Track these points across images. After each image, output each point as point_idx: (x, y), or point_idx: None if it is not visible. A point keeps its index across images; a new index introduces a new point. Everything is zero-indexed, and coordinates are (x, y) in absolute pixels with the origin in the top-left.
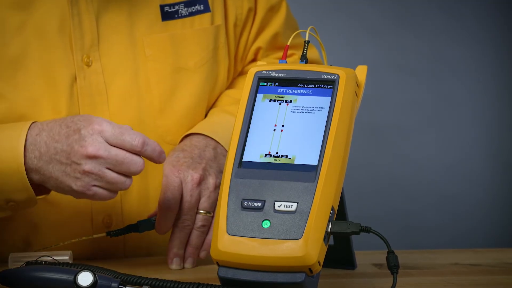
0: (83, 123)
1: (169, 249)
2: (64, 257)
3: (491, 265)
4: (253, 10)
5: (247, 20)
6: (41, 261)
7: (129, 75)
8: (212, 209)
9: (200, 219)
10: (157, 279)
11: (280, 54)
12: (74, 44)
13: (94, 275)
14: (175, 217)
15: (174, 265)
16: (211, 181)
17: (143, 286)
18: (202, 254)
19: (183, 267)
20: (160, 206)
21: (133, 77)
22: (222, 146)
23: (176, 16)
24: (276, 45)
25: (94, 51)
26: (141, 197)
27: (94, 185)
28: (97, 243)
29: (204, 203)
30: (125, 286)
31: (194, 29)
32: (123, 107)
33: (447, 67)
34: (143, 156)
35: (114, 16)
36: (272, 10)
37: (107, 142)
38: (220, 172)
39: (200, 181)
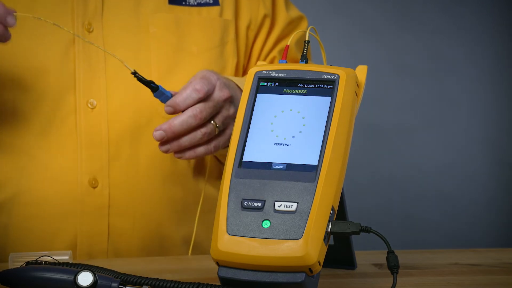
0: None
1: (165, 123)
2: (64, 257)
3: (491, 265)
4: (269, 17)
5: (262, 25)
6: (41, 261)
7: (130, 49)
8: (221, 128)
9: (207, 127)
10: (157, 279)
11: None
12: (76, 9)
13: (94, 275)
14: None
15: (158, 135)
16: (231, 109)
17: (143, 286)
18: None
19: (159, 147)
20: (192, 84)
21: (134, 51)
22: None
23: (183, 3)
24: (289, 57)
25: (97, 20)
26: (132, 164)
27: None
28: (94, 243)
29: (219, 116)
30: (125, 286)
31: (200, 17)
32: (120, 77)
33: (446, 67)
34: None
35: None
36: (291, 24)
37: None
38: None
39: (228, 99)
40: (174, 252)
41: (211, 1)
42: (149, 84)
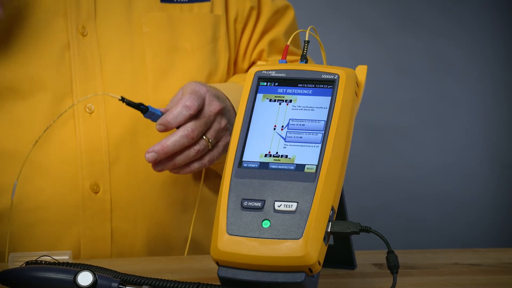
0: None
1: (158, 144)
2: (64, 256)
3: (491, 265)
4: (255, 9)
5: (249, 18)
6: (41, 261)
7: (124, 49)
8: (214, 142)
9: (200, 144)
10: (157, 279)
11: (279, 58)
12: (69, 14)
13: (94, 275)
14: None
15: (150, 157)
16: (223, 121)
17: (143, 286)
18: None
19: (153, 167)
20: (181, 101)
21: (128, 51)
22: (233, 109)
23: (175, 0)
24: (276, 49)
25: (90, 23)
26: (131, 167)
27: None
28: (98, 248)
29: (211, 131)
30: (125, 286)
31: (192, 13)
32: (116, 79)
33: (446, 67)
34: None
35: None
36: (277, 14)
37: None
38: (229, 123)
39: (219, 113)
40: (177, 253)
41: None
42: (139, 107)
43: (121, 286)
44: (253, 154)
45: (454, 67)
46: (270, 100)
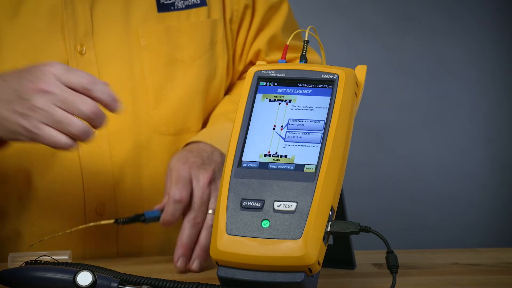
0: (35, 65)
1: (178, 247)
2: (64, 256)
3: (491, 265)
4: (250, 8)
5: (244, 17)
6: (41, 260)
7: (123, 64)
8: None
9: (210, 219)
10: (157, 279)
11: (279, 55)
12: (67, 33)
13: (94, 274)
14: (184, 213)
15: (180, 263)
16: (218, 184)
17: (143, 286)
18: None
19: (188, 269)
20: (170, 196)
21: (127, 66)
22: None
23: (172, 8)
24: (276, 45)
25: (88, 40)
26: (135, 186)
27: (43, 123)
28: (91, 243)
29: (212, 201)
30: (124, 286)
31: (190, 22)
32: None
33: (446, 67)
34: (94, 98)
35: (109, 6)
36: (271, 9)
37: (58, 80)
38: None
39: (211, 181)
40: None
41: (198, 2)
42: (136, 219)
43: (121, 286)
44: (253, 154)
45: (454, 67)
46: (270, 100)
